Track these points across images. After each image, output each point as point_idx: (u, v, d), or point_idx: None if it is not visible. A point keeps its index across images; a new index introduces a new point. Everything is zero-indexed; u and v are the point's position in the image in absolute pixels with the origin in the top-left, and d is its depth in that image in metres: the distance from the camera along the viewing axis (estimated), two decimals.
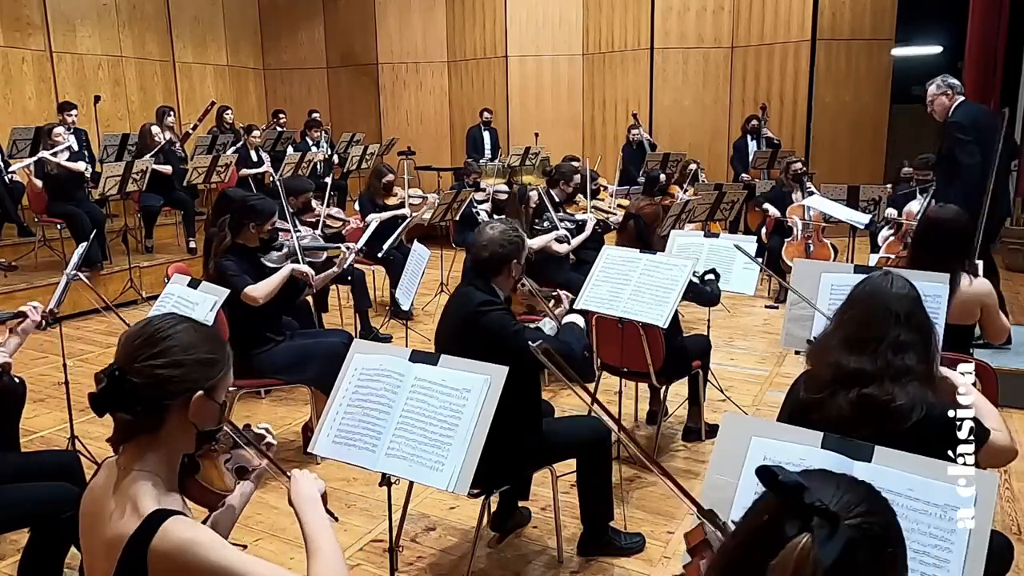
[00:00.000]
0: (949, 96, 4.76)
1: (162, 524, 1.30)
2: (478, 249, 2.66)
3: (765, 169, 8.71)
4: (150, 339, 1.40)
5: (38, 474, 2.49)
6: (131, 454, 1.41)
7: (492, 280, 2.66)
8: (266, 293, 3.57)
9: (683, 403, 4.09)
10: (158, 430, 1.40)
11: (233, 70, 11.80)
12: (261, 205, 3.67)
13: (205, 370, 1.42)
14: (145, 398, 1.36)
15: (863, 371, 1.80)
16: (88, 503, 1.45)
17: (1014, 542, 2.36)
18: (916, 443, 1.62)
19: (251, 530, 3.11)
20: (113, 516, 1.35)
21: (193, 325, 1.46)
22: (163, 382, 1.37)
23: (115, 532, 1.34)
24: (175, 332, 1.41)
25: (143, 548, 1.30)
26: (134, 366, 1.37)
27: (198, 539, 1.30)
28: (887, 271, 1.99)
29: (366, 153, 9.23)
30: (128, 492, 1.36)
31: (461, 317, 2.63)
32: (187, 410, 1.40)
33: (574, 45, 11.29)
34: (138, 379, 1.36)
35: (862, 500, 0.92)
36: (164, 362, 1.38)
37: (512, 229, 2.70)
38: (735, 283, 4.13)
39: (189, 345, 1.41)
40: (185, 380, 1.39)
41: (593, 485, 2.86)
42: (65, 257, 6.46)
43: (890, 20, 9.81)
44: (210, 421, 1.46)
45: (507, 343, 2.47)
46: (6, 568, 2.81)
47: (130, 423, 1.39)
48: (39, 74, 9.10)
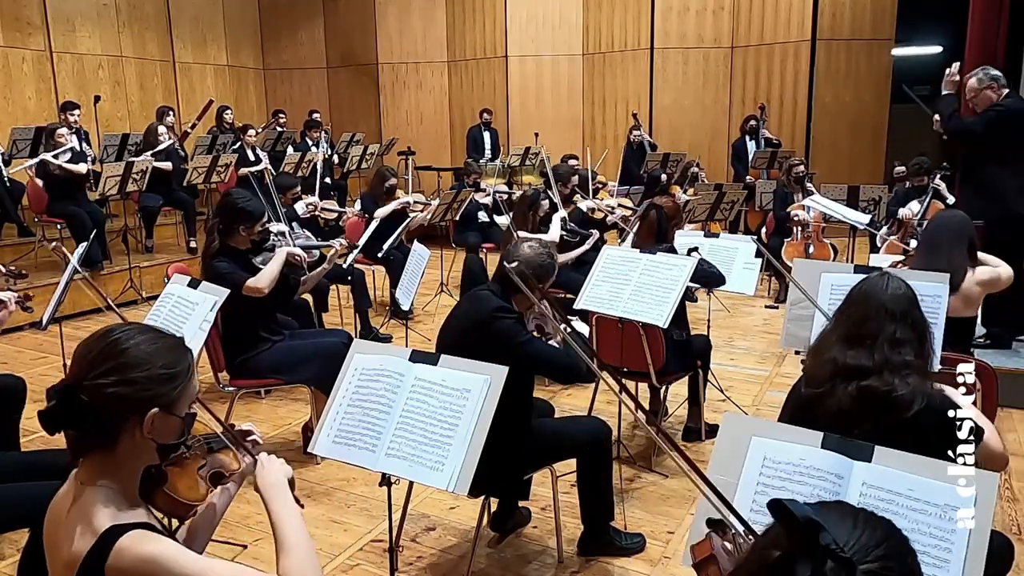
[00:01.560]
0: (995, 89, 4.37)
1: (116, 542, 1.25)
2: (508, 261, 2.63)
3: (765, 169, 8.71)
4: (101, 354, 1.32)
5: (38, 474, 2.48)
6: (88, 469, 1.35)
7: (512, 296, 2.66)
8: (268, 281, 3.56)
9: (683, 403, 4.09)
10: (113, 447, 1.33)
11: (233, 70, 11.80)
12: (250, 207, 3.66)
13: (160, 386, 1.33)
14: (94, 417, 1.29)
15: (861, 365, 1.83)
16: (49, 520, 1.39)
17: (1014, 542, 2.36)
18: (917, 434, 1.64)
19: (251, 530, 3.11)
20: (68, 534, 1.30)
21: (151, 337, 1.37)
22: (113, 401, 1.29)
23: (70, 551, 1.28)
24: (129, 346, 1.33)
25: (99, 569, 1.25)
26: (84, 383, 1.30)
27: (156, 553, 1.25)
28: (885, 272, 2.03)
29: (366, 153, 9.23)
30: (83, 509, 1.30)
31: (472, 319, 2.63)
32: (142, 427, 1.32)
33: (574, 45, 11.29)
34: (87, 397, 1.28)
35: (881, 542, 0.85)
36: (115, 379, 1.30)
37: (548, 255, 2.72)
38: (735, 283, 4.13)
39: (143, 360, 1.32)
40: (137, 398, 1.31)
41: (593, 485, 2.86)
42: (65, 257, 6.45)
43: (890, 20, 9.81)
44: (170, 436, 1.37)
45: (514, 352, 2.47)
46: (6, 568, 2.80)
47: (82, 439, 1.33)
48: (39, 74, 9.10)
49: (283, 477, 1.50)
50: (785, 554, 0.83)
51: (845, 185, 6.67)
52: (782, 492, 1.61)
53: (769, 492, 1.63)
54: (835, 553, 0.80)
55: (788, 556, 0.83)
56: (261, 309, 3.66)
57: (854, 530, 0.85)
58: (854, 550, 0.82)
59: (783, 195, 6.83)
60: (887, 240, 5.46)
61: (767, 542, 0.88)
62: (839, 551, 0.80)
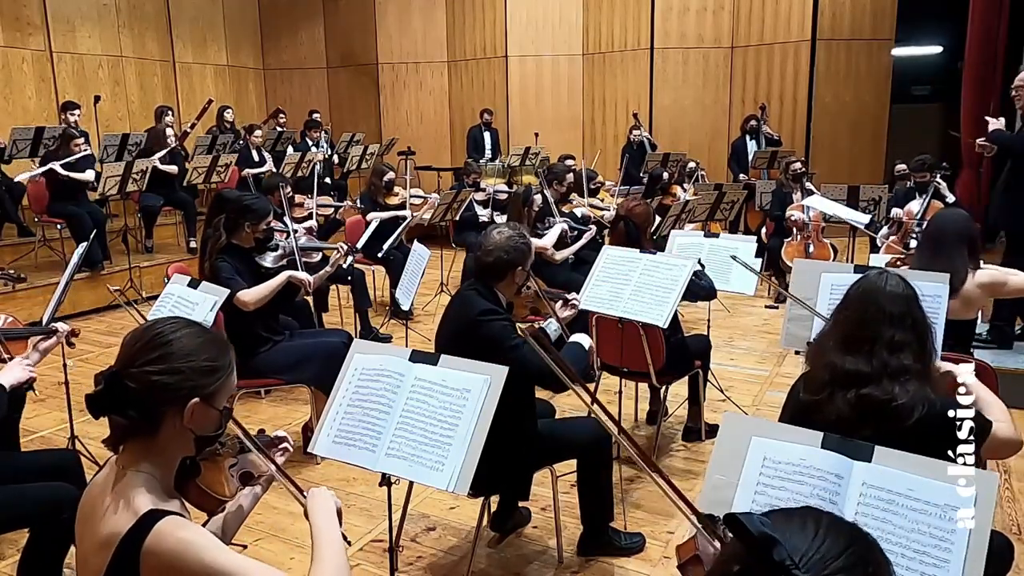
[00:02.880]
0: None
1: (156, 524, 1.30)
2: (483, 254, 2.63)
3: (765, 169, 8.71)
4: (149, 343, 1.39)
5: (38, 474, 2.49)
6: (129, 455, 1.41)
7: (495, 285, 2.64)
8: (257, 299, 3.56)
9: (683, 403, 4.09)
10: (155, 434, 1.39)
11: (233, 70, 11.80)
12: (256, 204, 3.68)
13: (202, 377, 1.40)
14: (139, 403, 1.36)
15: (860, 372, 1.80)
16: (87, 498, 1.45)
17: (1014, 542, 2.36)
18: (918, 441, 1.62)
19: (252, 530, 3.11)
20: (108, 513, 1.35)
21: (196, 331, 1.44)
22: (158, 388, 1.36)
23: (109, 529, 1.33)
24: (176, 337, 1.40)
25: (136, 548, 1.29)
26: (131, 370, 1.36)
27: (192, 540, 1.30)
28: (883, 270, 1.99)
29: (366, 153, 9.23)
30: (124, 491, 1.36)
31: (461, 323, 2.60)
32: (183, 416, 1.38)
33: (574, 45, 11.29)
34: (133, 383, 1.35)
35: (842, 552, 0.82)
36: (161, 368, 1.36)
37: (519, 235, 2.67)
38: (735, 283, 4.13)
39: (188, 352, 1.39)
40: (180, 387, 1.37)
41: (593, 485, 2.86)
42: (65, 257, 6.46)
43: (890, 20, 9.81)
44: (208, 427, 1.44)
45: (503, 357, 2.39)
46: (6, 568, 2.80)
47: (126, 426, 1.39)
48: (39, 74, 9.10)
49: (334, 507, 1.56)
50: (744, 569, 0.82)
51: (845, 185, 6.67)
52: (782, 492, 1.61)
53: (769, 492, 1.63)
54: (789, 570, 0.78)
55: (746, 571, 0.82)
56: (263, 311, 3.66)
57: (814, 539, 0.83)
58: (813, 561, 0.80)
59: (781, 195, 6.84)
60: (886, 241, 5.45)
61: (729, 555, 0.87)
62: (793, 568, 0.78)
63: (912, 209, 5.56)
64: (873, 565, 0.84)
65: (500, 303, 2.64)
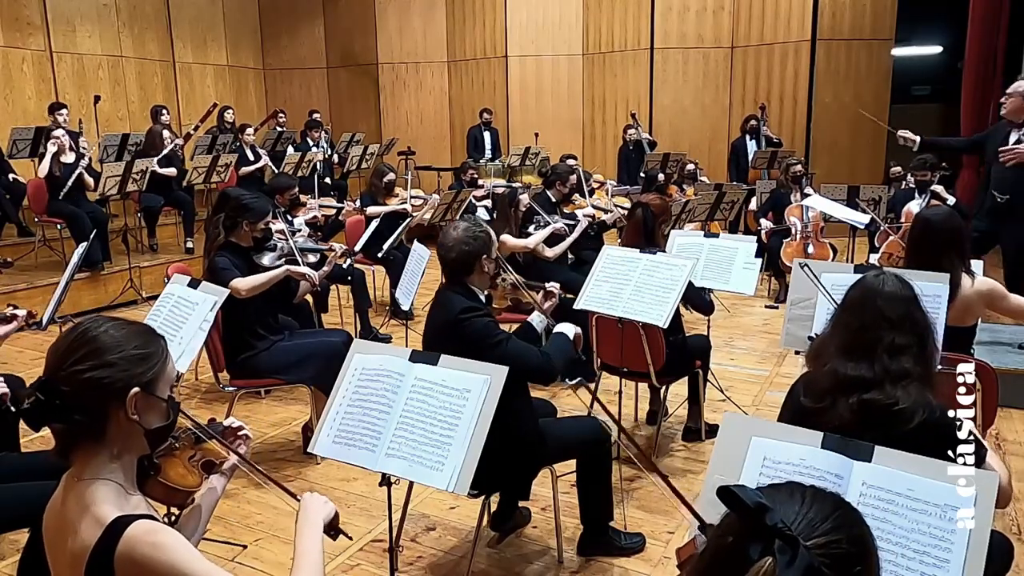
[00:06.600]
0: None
1: (125, 531, 1.28)
2: (445, 252, 2.60)
3: (765, 169, 8.71)
4: (74, 344, 1.35)
5: (38, 474, 2.48)
6: (81, 465, 1.37)
7: (467, 280, 2.62)
8: (250, 287, 3.55)
9: (683, 403, 4.09)
10: (102, 436, 1.35)
11: (233, 70, 11.80)
12: (255, 203, 3.68)
13: (136, 366, 1.36)
14: (79, 406, 1.31)
15: (861, 378, 1.79)
16: (49, 521, 1.41)
17: (1014, 542, 2.36)
18: (919, 446, 1.61)
19: (252, 530, 3.11)
20: (72, 530, 1.32)
21: (119, 323, 1.40)
22: (92, 385, 1.32)
23: (79, 545, 1.30)
24: (100, 332, 1.36)
25: (108, 557, 1.27)
26: (60, 374, 1.32)
27: (164, 543, 1.28)
28: (881, 271, 1.97)
29: (366, 153, 9.23)
30: (85, 504, 1.32)
31: (443, 324, 2.58)
32: (126, 410, 1.34)
33: (574, 45, 11.29)
34: (66, 386, 1.31)
35: (827, 516, 0.89)
36: (91, 364, 1.32)
37: (475, 225, 2.65)
38: (735, 283, 4.13)
39: (116, 343, 1.36)
40: (116, 379, 1.33)
41: (593, 485, 2.86)
42: (65, 257, 6.45)
43: (890, 20, 9.80)
44: (156, 418, 1.40)
45: (487, 353, 2.39)
46: (6, 568, 2.80)
47: (68, 432, 1.35)
48: (39, 74, 9.09)
49: (319, 519, 1.55)
50: (738, 538, 0.88)
51: (845, 185, 6.67)
52: None
53: None
54: (782, 532, 0.84)
55: (741, 539, 0.87)
56: (261, 309, 3.67)
57: (802, 506, 0.90)
58: (801, 526, 0.87)
59: (779, 196, 6.84)
60: (889, 238, 5.45)
61: (723, 529, 0.92)
62: (786, 529, 0.84)
63: (912, 209, 5.56)
64: (857, 527, 0.91)
65: (478, 299, 2.62)
